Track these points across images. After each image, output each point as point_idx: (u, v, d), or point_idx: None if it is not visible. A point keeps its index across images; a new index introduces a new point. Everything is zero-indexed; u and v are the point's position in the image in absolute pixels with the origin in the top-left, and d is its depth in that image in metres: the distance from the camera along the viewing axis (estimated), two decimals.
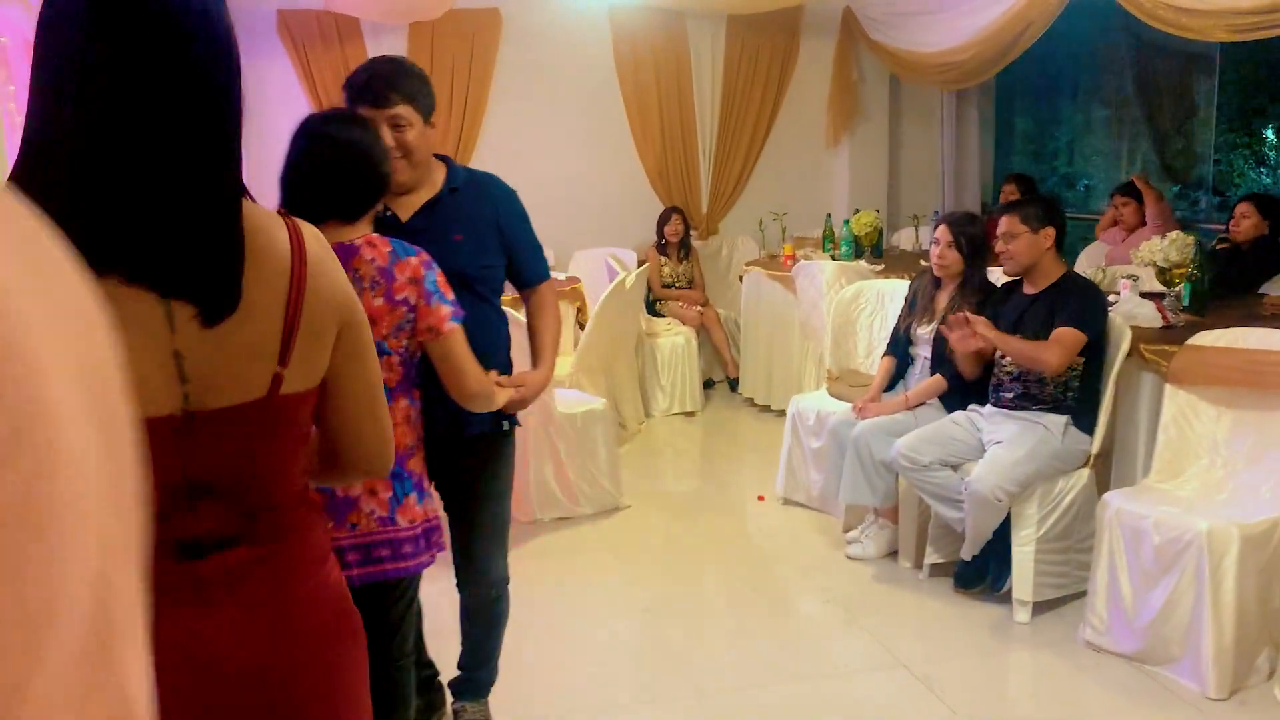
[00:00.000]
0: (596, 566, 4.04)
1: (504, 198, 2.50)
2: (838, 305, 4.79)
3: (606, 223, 7.14)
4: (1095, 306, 3.47)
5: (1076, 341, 3.41)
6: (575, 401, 4.63)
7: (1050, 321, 3.46)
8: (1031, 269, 3.58)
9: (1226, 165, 7.09)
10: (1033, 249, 3.53)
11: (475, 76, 6.87)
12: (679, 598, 3.78)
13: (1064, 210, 3.70)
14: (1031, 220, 3.54)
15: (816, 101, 7.51)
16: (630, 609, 3.65)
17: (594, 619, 3.59)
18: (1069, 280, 3.54)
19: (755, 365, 6.36)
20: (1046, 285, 3.56)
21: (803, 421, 4.54)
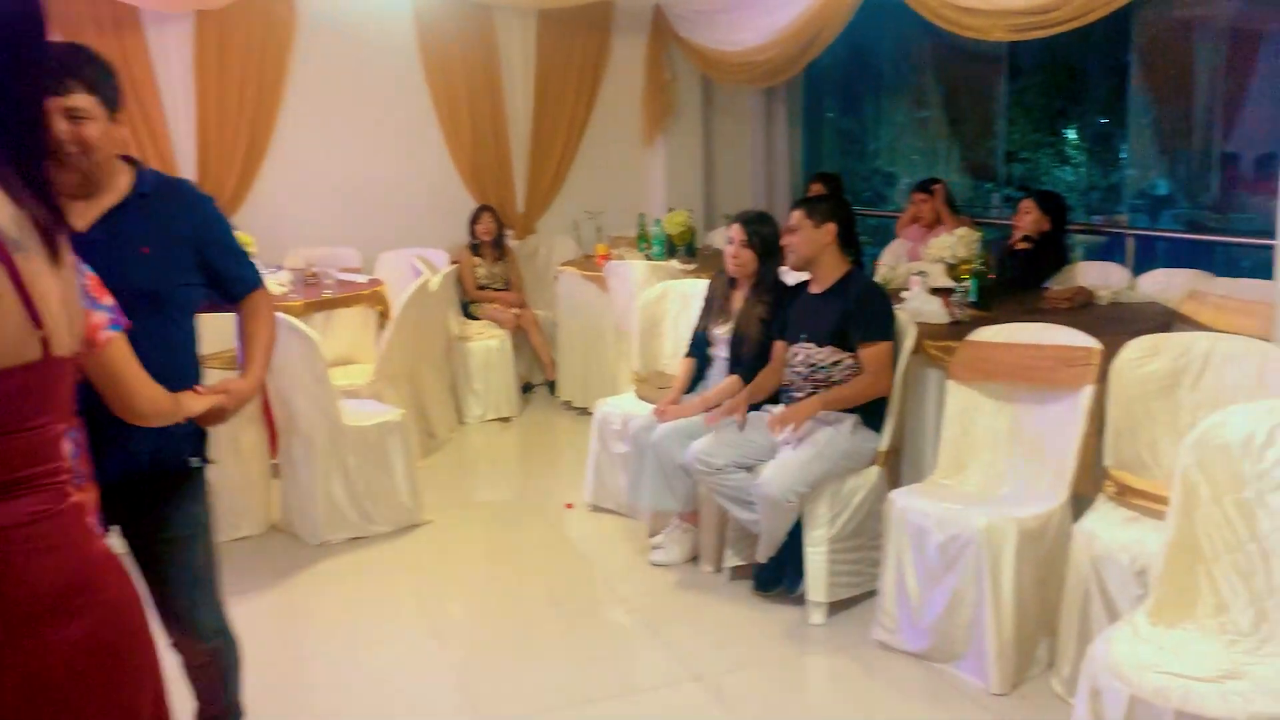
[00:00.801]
0: (388, 589, 3.82)
1: (199, 204, 2.24)
2: (644, 306, 4.70)
3: (416, 223, 6.87)
4: (887, 310, 3.47)
5: (888, 353, 3.42)
6: (368, 413, 4.38)
7: (837, 322, 3.45)
8: (814, 265, 3.56)
9: (1033, 164, 7.37)
10: (812, 242, 3.52)
11: (269, 70, 6.49)
12: (474, 618, 3.60)
13: (851, 207, 3.69)
14: (815, 214, 3.52)
15: (631, 99, 7.43)
16: (419, 633, 3.45)
17: (379, 645, 3.37)
18: (853, 281, 3.53)
19: (572, 368, 6.22)
20: (831, 284, 3.54)
21: (608, 426, 4.42)
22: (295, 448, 4.22)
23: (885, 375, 3.44)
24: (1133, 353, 3.08)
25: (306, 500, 4.21)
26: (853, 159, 8.51)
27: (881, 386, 3.44)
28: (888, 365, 3.44)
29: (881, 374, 3.43)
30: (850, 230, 3.57)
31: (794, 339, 3.60)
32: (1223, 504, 2.33)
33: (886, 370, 3.44)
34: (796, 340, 3.58)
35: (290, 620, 3.61)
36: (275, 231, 6.54)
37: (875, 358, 3.42)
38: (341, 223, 6.75)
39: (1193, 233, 5.89)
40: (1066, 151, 7.42)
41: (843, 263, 3.56)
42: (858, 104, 8.44)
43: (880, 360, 3.42)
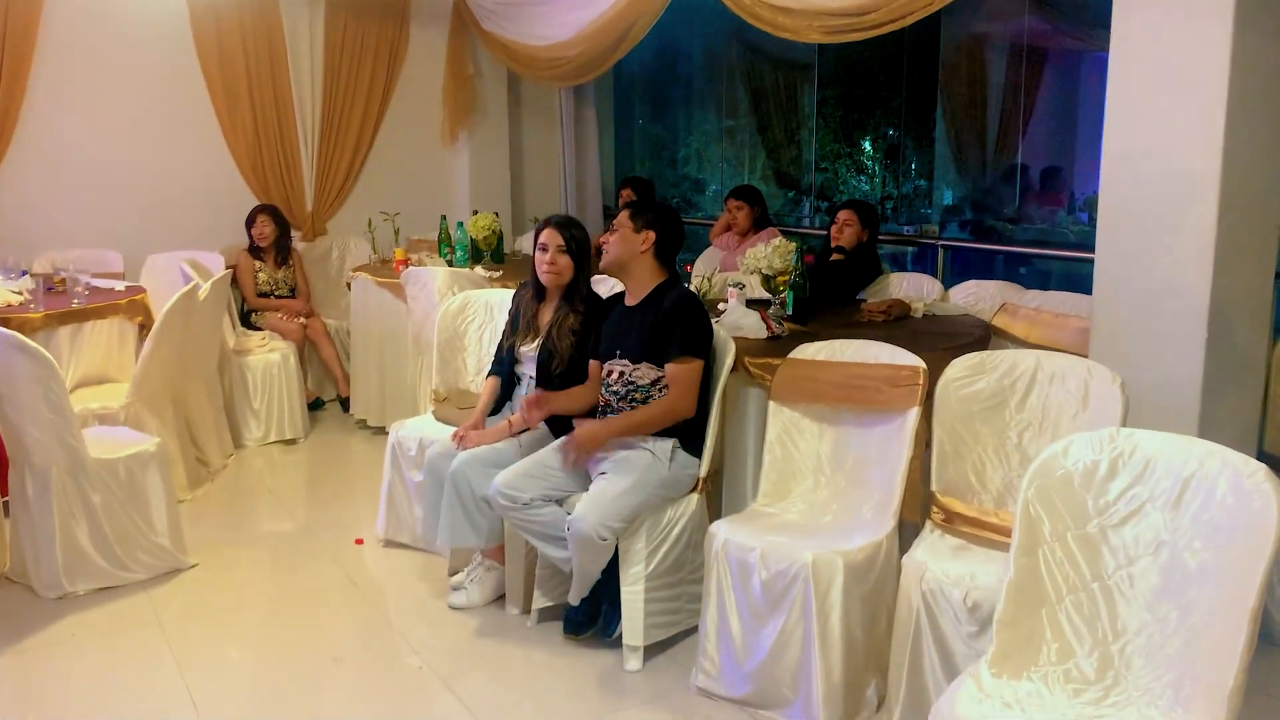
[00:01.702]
0: (141, 649, 3.27)
1: None
2: (443, 317, 4.29)
3: (189, 223, 6.21)
4: (700, 325, 3.21)
5: (694, 373, 3.16)
6: (118, 443, 3.79)
7: (650, 336, 3.18)
8: (625, 272, 3.29)
9: (832, 174, 7.38)
10: (626, 245, 3.26)
11: (11, 47, 5.68)
12: (243, 679, 3.11)
13: (676, 216, 3.42)
14: (638, 219, 3.26)
15: (431, 95, 6.99)
16: (177, 702, 2.94)
17: (125, 715, 2.85)
18: (664, 293, 3.26)
19: (367, 383, 5.73)
20: (645, 295, 3.27)
21: (404, 451, 4.00)
22: (28, 484, 3.60)
23: (688, 396, 3.17)
24: (958, 371, 2.94)
25: (42, 546, 3.58)
26: (662, 164, 8.35)
27: (683, 408, 3.17)
28: (692, 386, 3.17)
29: (685, 395, 3.16)
30: (671, 245, 3.30)
31: (608, 355, 3.30)
32: (1065, 540, 2.18)
33: (690, 391, 3.17)
34: (611, 357, 3.29)
35: (16, 695, 3.02)
36: (23, 229, 5.77)
37: (680, 376, 3.15)
38: (102, 222, 6.02)
39: (992, 243, 5.99)
40: (864, 162, 7.49)
41: (658, 273, 3.29)
42: (667, 109, 8.29)
43: (685, 380, 3.15)
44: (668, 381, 3.17)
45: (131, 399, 4.36)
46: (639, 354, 3.20)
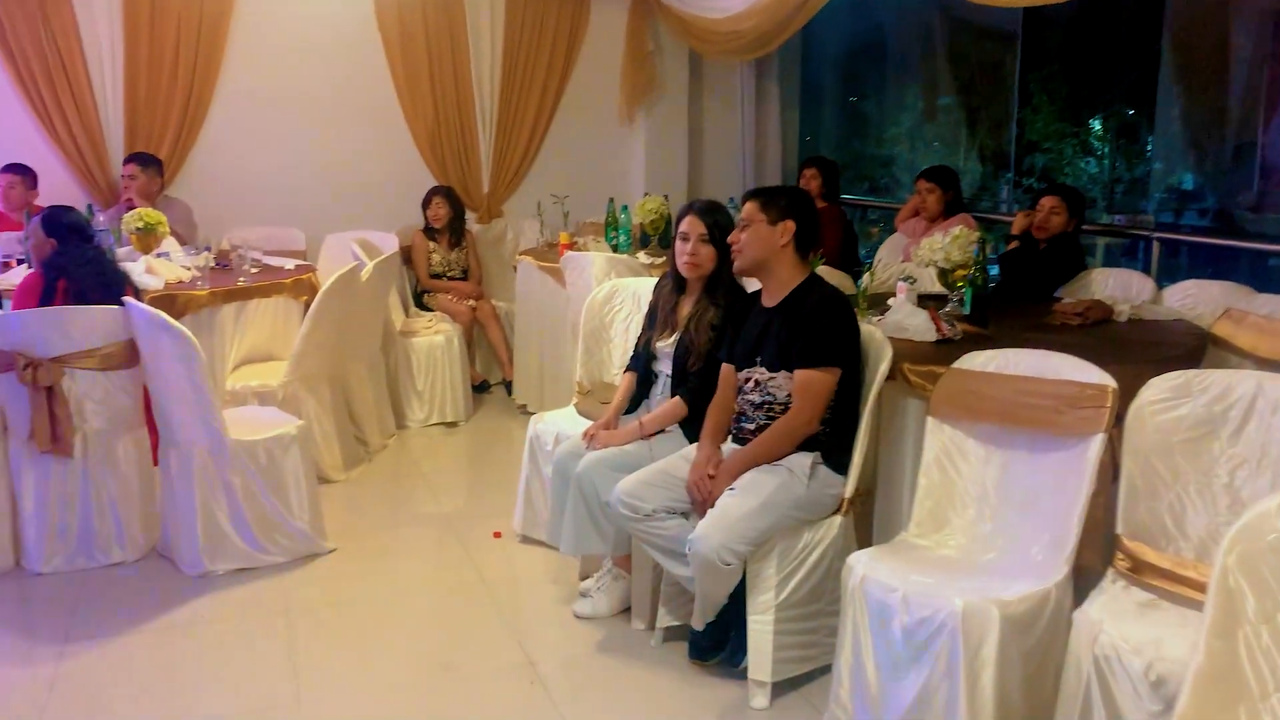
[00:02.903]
0: (262, 635, 3.23)
1: None
2: (590, 306, 4.09)
3: (369, 203, 6.29)
4: (842, 329, 2.84)
5: (825, 384, 2.81)
6: (261, 424, 3.79)
7: (788, 344, 2.84)
8: (765, 271, 2.96)
9: (1056, 154, 6.71)
10: (763, 243, 2.91)
11: (207, 29, 5.88)
12: (348, 679, 3.00)
13: (811, 202, 3.05)
14: (771, 209, 2.91)
15: (609, 75, 6.80)
16: (278, 694, 2.86)
17: (227, 708, 2.79)
18: (808, 293, 2.91)
19: (528, 368, 5.62)
20: (785, 295, 2.93)
21: (541, 445, 3.82)
22: (173, 462, 3.64)
23: (812, 409, 2.81)
24: (1156, 393, 2.46)
25: (184, 524, 3.62)
26: (857, 143, 7.85)
27: (802, 423, 2.82)
28: (820, 398, 2.81)
29: (808, 407, 2.81)
30: (811, 234, 2.95)
31: (745, 362, 2.99)
32: (1275, 623, 1.72)
33: (817, 403, 2.81)
34: (749, 363, 2.97)
35: (137, 672, 3.02)
36: (215, 207, 5.98)
37: (810, 385, 2.80)
38: (288, 201, 6.17)
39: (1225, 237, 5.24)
40: (1091, 142, 6.76)
41: (799, 269, 2.94)
42: (863, 84, 7.78)
43: (815, 390, 2.80)
44: (794, 389, 2.83)
45: (289, 378, 4.39)
46: (777, 361, 2.88)
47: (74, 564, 3.66)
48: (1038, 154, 6.64)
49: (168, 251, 4.83)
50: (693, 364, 3.23)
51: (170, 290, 4.41)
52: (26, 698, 2.88)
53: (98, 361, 3.57)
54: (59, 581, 3.59)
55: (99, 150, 5.79)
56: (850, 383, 2.87)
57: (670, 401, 3.25)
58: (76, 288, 3.63)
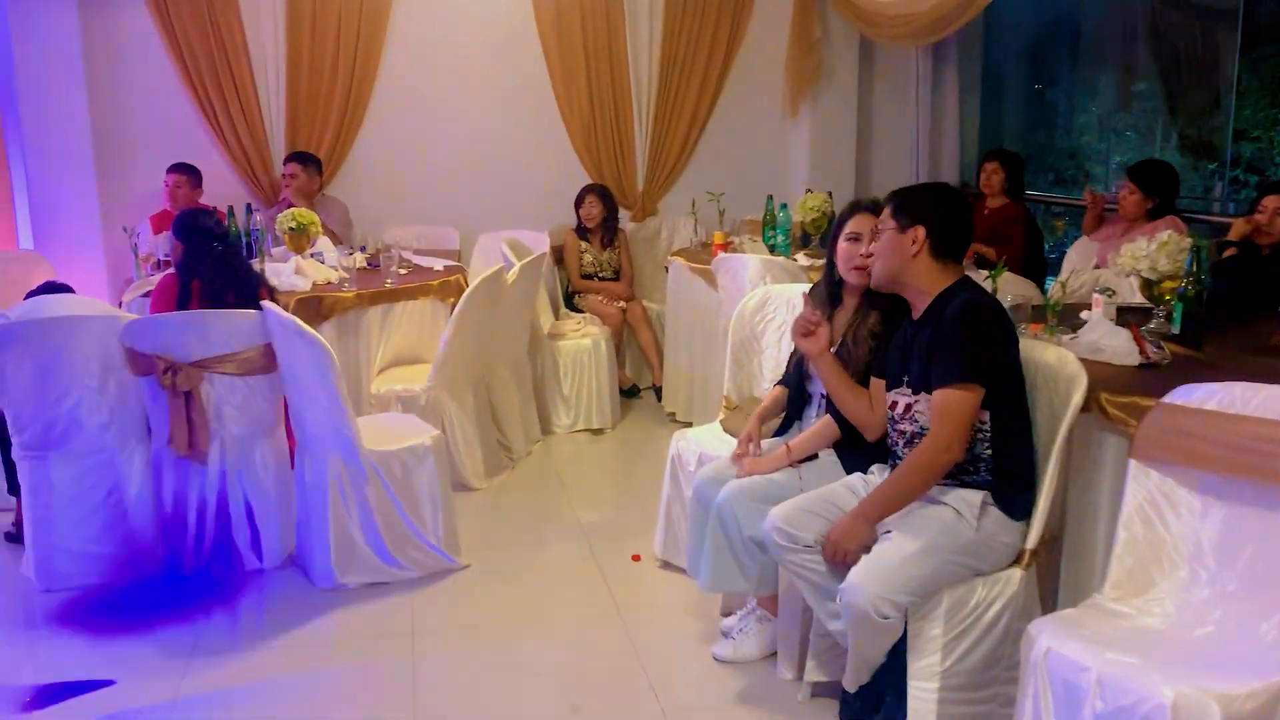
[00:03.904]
0: (386, 658, 3.08)
1: None
2: (740, 314, 3.79)
3: (522, 202, 6.18)
4: (978, 337, 2.43)
5: (964, 404, 2.41)
6: (397, 433, 3.65)
7: (928, 361, 2.47)
8: (901, 285, 2.60)
9: (1265, 143, 5.96)
10: (893, 252, 2.55)
11: (366, 29, 5.87)
12: (467, 713, 2.80)
13: (952, 198, 2.64)
14: (901, 214, 2.54)
15: (773, 65, 6.45)
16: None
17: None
18: (946, 300, 2.52)
19: (677, 375, 5.36)
20: (925, 309, 2.56)
21: (682, 465, 3.55)
22: (307, 470, 3.55)
23: (951, 432, 2.41)
24: None
25: (316, 534, 3.53)
26: (1046, 135, 7.22)
27: (940, 451, 2.43)
28: (961, 421, 2.41)
29: (946, 431, 2.41)
30: (950, 236, 2.55)
31: (894, 382, 2.63)
32: None
33: (957, 427, 2.41)
34: (897, 384, 2.61)
35: (253, 691, 2.92)
36: (373, 207, 5.99)
37: (947, 407, 2.42)
38: (443, 200, 6.12)
39: None
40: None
41: (940, 275, 2.55)
42: (1053, 70, 7.14)
43: (953, 412, 2.40)
44: (930, 411, 2.46)
45: (432, 383, 4.27)
46: (921, 382, 2.51)
47: (212, 570, 3.61)
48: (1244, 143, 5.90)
49: (321, 251, 4.81)
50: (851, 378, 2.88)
51: (317, 291, 4.37)
52: (148, 715, 2.81)
53: (236, 366, 3.51)
54: (196, 587, 3.55)
55: (261, 149, 5.86)
56: (1008, 405, 2.47)
57: (820, 422, 2.91)
58: (210, 288, 3.60)
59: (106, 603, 3.45)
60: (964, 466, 2.47)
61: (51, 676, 3.08)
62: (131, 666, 3.07)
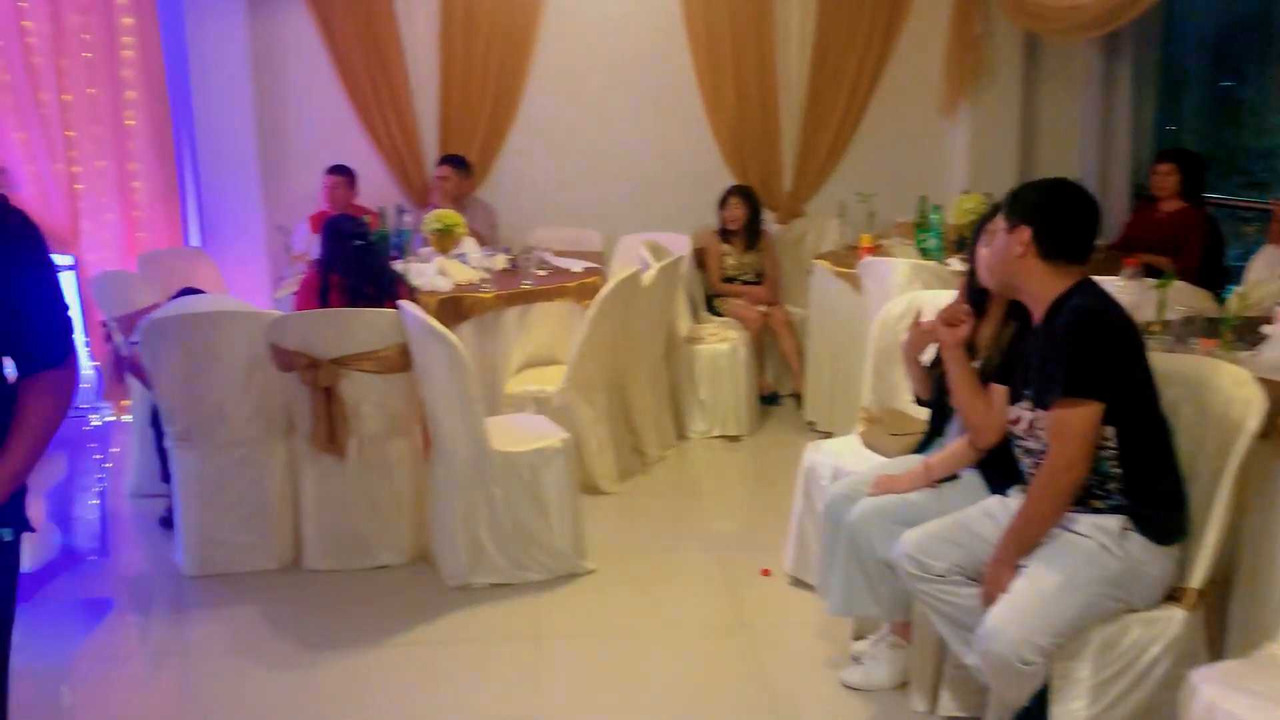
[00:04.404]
0: (508, 662, 3.06)
1: None
2: (882, 321, 3.62)
3: (665, 203, 6.13)
4: (1093, 347, 2.21)
5: (1082, 421, 2.20)
6: (526, 435, 3.64)
7: (1043, 372, 2.27)
8: (1014, 289, 2.42)
9: None
10: (1001, 255, 2.38)
11: (517, 32, 5.93)
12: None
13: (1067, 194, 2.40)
14: (1010, 213, 2.37)
15: (929, 62, 6.18)
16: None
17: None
18: (1059, 307, 2.30)
19: (818, 383, 5.18)
20: (1043, 317, 2.35)
21: (815, 479, 3.40)
22: (439, 470, 3.57)
23: (1071, 451, 2.20)
24: None
25: (446, 533, 3.55)
26: (1231, 132, 6.68)
27: (1062, 472, 2.22)
28: (1081, 438, 2.19)
29: (1064, 452, 2.21)
30: (1062, 235, 2.32)
31: (1016, 395, 2.43)
32: None
33: (1078, 445, 2.20)
34: (1019, 397, 2.41)
35: (376, 687, 2.95)
36: (518, 208, 6.06)
37: (1059, 427, 2.21)
38: (587, 201, 6.14)
39: None
40: None
41: (1054, 279, 2.33)
42: (1239, 63, 6.59)
43: (1070, 430, 2.19)
44: (1048, 432, 2.26)
45: (565, 385, 4.25)
46: (1039, 395, 2.30)
47: (346, 564, 3.69)
48: None
49: (465, 252, 4.87)
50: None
51: (458, 292, 4.41)
52: (273, 705, 2.87)
53: (375, 364, 3.56)
54: (329, 580, 3.63)
55: (414, 151, 6.00)
56: (1137, 419, 2.24)
57: (961, 440, 2.72)
58: (348, 280, 3.78)
59: (245, 591, 3.56)
60: (1092, 489, 2.27)
61: (195, 660, 3.19)
62: (265, 655, 3.16)
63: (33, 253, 1.64)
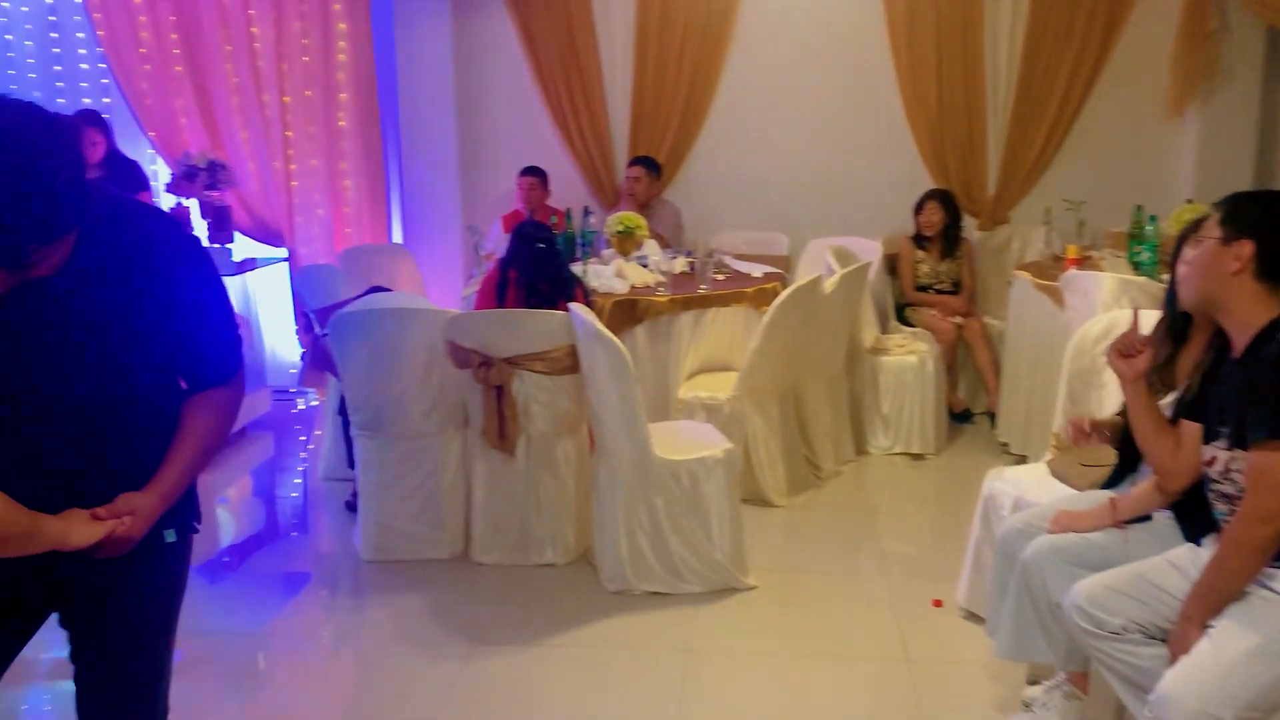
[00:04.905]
0: (652, 672, 3.02)
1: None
2: (1079, 341, 3.35)
3: (857, 207, 5.95)
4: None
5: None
6: (689, 444, 3.57)
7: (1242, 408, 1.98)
8: (1217, 309, 2.13)
9: None
10: (1209, 268, 2.10)
11: (711, 32, 5.89)
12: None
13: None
14: (1229, 223, 2.08)
15: (1153, 60, 5.69)
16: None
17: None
18: (1270, 337, 2.01)
19: (1014, 401, 4.87)
20: (1247, 344, 2.06)
21: (995, 508, 3.17)
22: (602, 472, 3.56)
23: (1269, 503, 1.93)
24: None
25: (606, 537, 3.54)
26: None
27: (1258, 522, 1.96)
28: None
29: (1262, 503, 1.94)
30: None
31: (1211, 434, 2.15)
32: None
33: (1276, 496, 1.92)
34: (1214, 436, 2.13)
35: (528, 685, 2.96)
36: (705, 211, 6.02)
37: (1259, 473, 1.95)
38: (775, 204, 6.03)
39: None
40: None
41: (1265, 304, 2.04)
42: None
43: (1266, 479, 1.93)
44: (1246, 476, 1.98)
45: (736, 392, 4.16)
46: (1237, 434, 2.02)
47: (511, 558, 3.74)
48: None
49: (646, 255, 4.86)
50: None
51: (633, 295, 4.40)
52: (424, 696, 2.94)
53: (545, 365, 3.60)
54: (493, 575, 3.69)
55: (605, 153, 6.05)
56: None
57: (1150, 480, 2.46)
58: (526, 276, 3.86)
59: (415, 579, 3.67)
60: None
61: (365, 643, 3.32)
62: (426, 643, 3.24)
63: (202, 271, 1.62)
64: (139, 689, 1.69)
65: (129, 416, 1.57)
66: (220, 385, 1.69)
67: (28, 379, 1.48)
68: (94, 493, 1.54)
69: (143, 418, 1.60)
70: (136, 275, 1.51)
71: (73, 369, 1.50)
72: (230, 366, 1.70)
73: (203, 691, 3.01)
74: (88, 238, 1.45)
